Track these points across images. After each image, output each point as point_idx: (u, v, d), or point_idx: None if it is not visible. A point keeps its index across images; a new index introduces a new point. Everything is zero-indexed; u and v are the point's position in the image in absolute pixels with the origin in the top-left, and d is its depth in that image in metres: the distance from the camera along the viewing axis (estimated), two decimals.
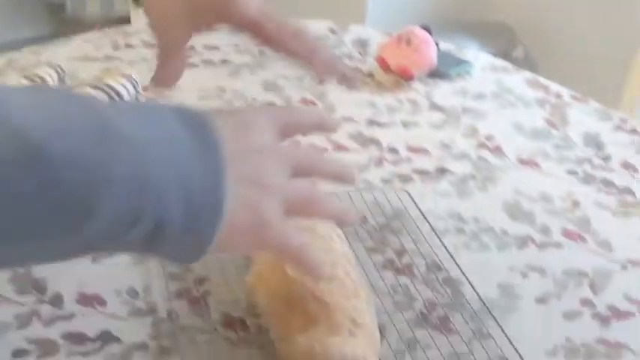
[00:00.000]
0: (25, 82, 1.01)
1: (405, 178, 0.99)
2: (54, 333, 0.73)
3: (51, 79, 1.03)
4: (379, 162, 1.02)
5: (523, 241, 0.89)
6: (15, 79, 1.01)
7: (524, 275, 0.84)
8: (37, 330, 0.73)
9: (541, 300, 0.81)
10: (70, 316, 0.75)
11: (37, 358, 0.71)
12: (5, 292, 0.78)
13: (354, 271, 0.74)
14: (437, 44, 1.24)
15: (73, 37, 1.32)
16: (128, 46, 1.29)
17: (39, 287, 0.78)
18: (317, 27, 1.40)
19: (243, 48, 1.30)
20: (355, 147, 1.05)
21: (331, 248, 0.74)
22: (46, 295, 0.78)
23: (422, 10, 2.39)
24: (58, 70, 1.05)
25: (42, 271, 0.80)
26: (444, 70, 1.24)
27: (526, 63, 2.27)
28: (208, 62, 1.26)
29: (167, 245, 0.51)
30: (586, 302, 0.81)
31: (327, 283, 0.69)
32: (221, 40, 1.33)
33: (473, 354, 0.73)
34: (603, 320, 0.79)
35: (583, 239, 0.90)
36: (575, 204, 0.96)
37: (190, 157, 0.51)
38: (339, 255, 0.74)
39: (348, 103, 1.16)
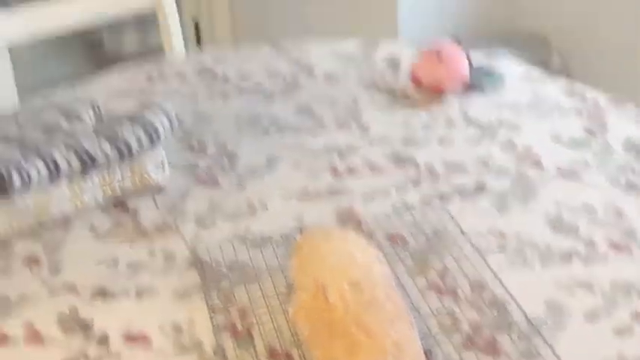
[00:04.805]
0: (62, 119, 1.02)
1: (444, 197, 0.98)
2: None
3: (87, 115, 1.04)
4: (417, 182, 1.01)
5: (568, 256, 0.87)
6: (53, 117, 1.02)
7: (571, 291, 0.82)
8: None
9: (590, 316, 0.79)
10: (117, 356, 0.76)
11: None
12: (52, 333, 0.79)
13: (396, 293, 0.73)
14: (468, 57, 1.23)
15: (108, 72, 1.34)
16: (162, 78, 1.31)
17: (85, 327, 0.79)
18: (347, 46, 1.40)
19: (275, 73, 1.31)
20: (391, 167, 1.04)
21: (371, 271, 0.74)
22: (93, 336, 0.78)
23: (453, 20, 2.37)
24: (95, 106, 1.06)
25: (88, 311, 0.81)
26: (477, 83, 1.23)
27: (561, 70, 2.24)
28: (241, 90, 1.27)
29: None
30: (637, 316, 0.79)
31: (368, 307, 0.69)
32: (253, 66, 1.33)
33: None
34: None
35: (629, 250, 0.88)
36: (619, 214, 0.94)
37: None
38: (380, 277, 0.74)
39: (382, 123, 1.15)
